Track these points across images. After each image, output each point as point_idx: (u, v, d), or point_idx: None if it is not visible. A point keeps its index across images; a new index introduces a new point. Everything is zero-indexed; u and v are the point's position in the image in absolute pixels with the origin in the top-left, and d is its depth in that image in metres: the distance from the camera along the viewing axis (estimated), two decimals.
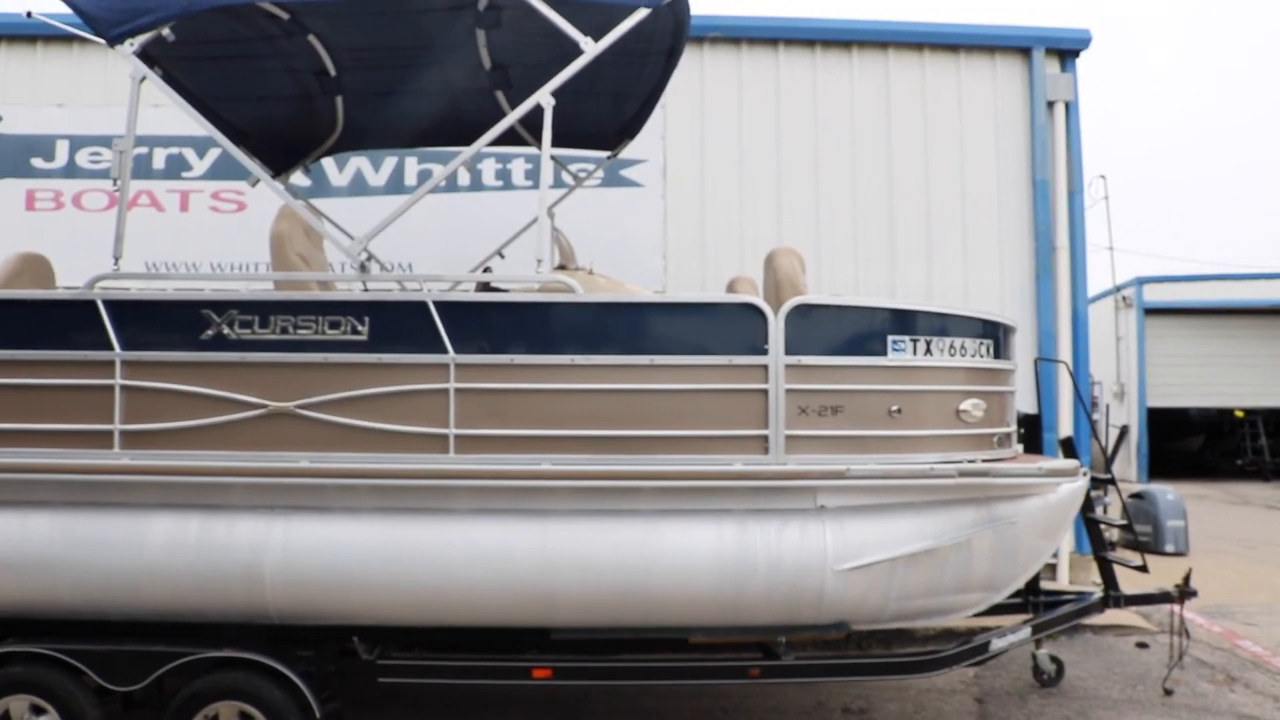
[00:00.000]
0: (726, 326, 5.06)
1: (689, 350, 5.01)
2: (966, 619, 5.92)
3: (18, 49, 9.95)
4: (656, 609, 5.01)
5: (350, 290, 5.61)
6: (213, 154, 9.42)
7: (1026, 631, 6.07)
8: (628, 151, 7.82)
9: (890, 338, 5.20)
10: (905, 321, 5.27)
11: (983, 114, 9.53)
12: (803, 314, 5.08)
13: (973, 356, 5.46)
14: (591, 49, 5.18)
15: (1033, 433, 6.78)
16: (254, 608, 5.01)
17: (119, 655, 5.10)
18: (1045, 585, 6.94)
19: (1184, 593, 6.62)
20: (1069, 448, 6.52)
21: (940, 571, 5.24)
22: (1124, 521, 7.75)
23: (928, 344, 5.28)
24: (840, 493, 5.09)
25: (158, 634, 5.19)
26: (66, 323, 5.11)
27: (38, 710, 5.07)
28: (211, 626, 5.17)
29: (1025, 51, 9.55)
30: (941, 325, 5.38)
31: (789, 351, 5.02)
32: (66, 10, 5.37)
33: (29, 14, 6.83)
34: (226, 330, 5.01)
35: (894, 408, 5.16)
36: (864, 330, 5.21)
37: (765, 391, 5.01)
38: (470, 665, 5.25)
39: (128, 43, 5.28)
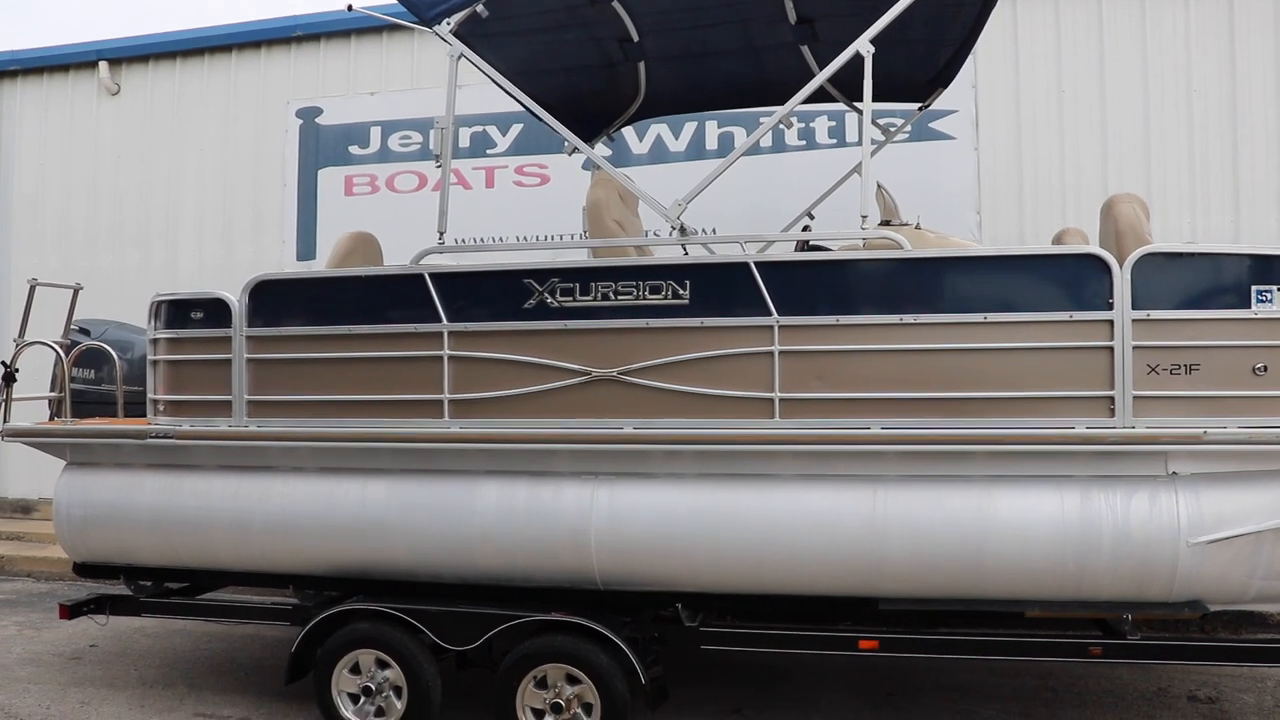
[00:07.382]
0: (1066, 280, 4.72)
1: (1025, 307, 4.70)
2: None
3: (334, 45, 10.60)
4: (991, 580, 4.77)
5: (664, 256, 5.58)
6: (515, 129, 9.69)
7: None
8: (936, 103, 7.44)
9: (1255, 288, 4.69)
10: (1272, 269, 4.72)
11: None
12: (1151, 264, 4.66)
13: None
14: None
15: None
16: (580, 573, 5.10)
17: (453, 616, 5.30)
18: None
19: None
20: None
21: None
22: None
23: None
24: (1196, 458, 4.67)
25: (487, 596, 5.37)
26: (396, 297, 5.33)
27: (382, 664, 5.35)
28: (535, 591, 5.30)
29: None
30: None
31: (1135, 306, 4.62)
32: (380, 1, 5.56)
33: (350, 8, 7.17)
34: (548, 299, 5.08)
35: (1259, 365, 4.65)
36: (1222, 281, 4.72)
37: (1110, 349, 4.63)
38: (796, 635, 5.15)
39: (445, 22, 5.43)
